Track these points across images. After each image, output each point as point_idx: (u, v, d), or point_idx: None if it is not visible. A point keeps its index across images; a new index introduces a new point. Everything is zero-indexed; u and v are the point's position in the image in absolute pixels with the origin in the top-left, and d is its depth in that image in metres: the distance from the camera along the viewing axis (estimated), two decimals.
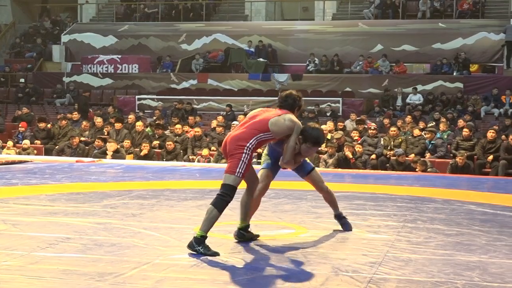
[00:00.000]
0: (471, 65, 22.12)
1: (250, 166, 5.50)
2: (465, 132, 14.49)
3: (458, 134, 15.18)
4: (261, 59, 23.26)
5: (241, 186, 5.53)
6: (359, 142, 14.78)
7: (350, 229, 6.32)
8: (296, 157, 5.77)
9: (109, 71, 23.75)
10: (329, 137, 14.74)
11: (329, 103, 20.08)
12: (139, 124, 16.11)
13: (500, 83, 20.49)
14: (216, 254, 5.21)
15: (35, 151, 15.47)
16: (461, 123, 16.04)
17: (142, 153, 14.59)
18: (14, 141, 16.37)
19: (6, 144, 15.69)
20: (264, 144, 5.88)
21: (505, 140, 14.06)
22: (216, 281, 4.62)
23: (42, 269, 4.80)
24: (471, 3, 24.18)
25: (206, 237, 5.29)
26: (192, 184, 10.00)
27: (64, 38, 26.22)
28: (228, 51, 23.72)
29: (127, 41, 25.48)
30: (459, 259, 5.29)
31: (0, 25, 29.32)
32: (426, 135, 14.87)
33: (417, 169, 13.09)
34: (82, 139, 16.01)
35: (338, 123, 16.33)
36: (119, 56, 24.08)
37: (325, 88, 21.56)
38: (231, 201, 5.41)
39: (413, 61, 22.83)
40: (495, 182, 11.58)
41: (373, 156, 14.31)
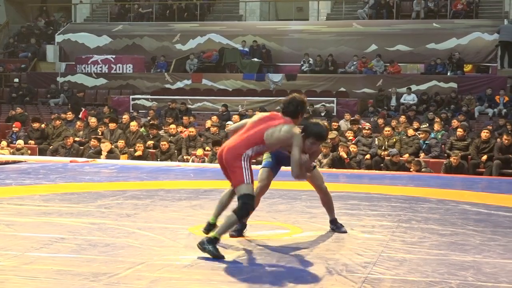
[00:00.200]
0: (465, 65, 22.12)
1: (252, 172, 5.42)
2: (459, 132, 14.52)
3: (452, 134, 15.19)
4: (256, 59, 23.22)
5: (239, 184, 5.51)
6: (353, 142, 14.80)
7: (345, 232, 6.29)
8: (305, 164, 5.57)
9: (103, 71, 23.67)
10: None
11: (323, 103, 20.05)
12: (134, 124, 16.07)
13: (494, 83, 20.50)
14: (222, 257, 5.19)
15: (29, 151, 15.42)
16: (455, 123, 16.06)
17: (136, 153, 14.56)
18: (8, 141, 16.33)
19: (0, 144, 15.65)
20: (262, 154, 5.83)
21: (499, 140, 14.09)
22: (210, 281, 4.62)
23: (36, 269, 4.79)
24: (465, 3, 24.20)
25: (219, 241, 5.28)
26: (186, 184, 9.99)
27: (58, 38, 26.12)
28: (222, 51, 23.68)
29: (121, 41, 25.41)
30: (453, 259, 5.30)
31: None
32: (420, 135, 14.88)
33: (411, 169, 13.10)
34: (76, 139, 15.98)
35: (333, 123, 16.31)
36: (113, 56, 24.01)
37: (320, 88, 21.54)
38: (253, 210, 5.42)
39: (407, 61, 22.81)
40: (489, 182, 11.62)
41: (368, 156, 14.31)
